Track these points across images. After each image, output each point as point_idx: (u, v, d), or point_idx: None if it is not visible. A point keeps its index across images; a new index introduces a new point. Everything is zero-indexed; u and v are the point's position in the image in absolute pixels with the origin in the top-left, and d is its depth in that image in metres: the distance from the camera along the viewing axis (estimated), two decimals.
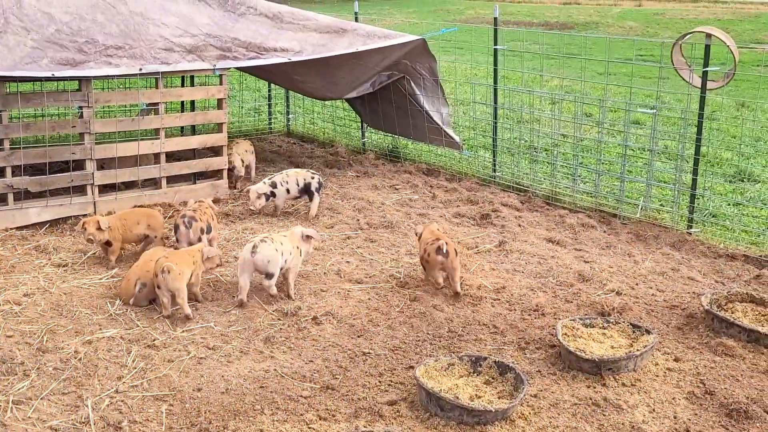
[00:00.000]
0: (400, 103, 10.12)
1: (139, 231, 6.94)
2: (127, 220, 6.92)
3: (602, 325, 5.64)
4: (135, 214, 7.07)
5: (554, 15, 35.80)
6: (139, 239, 7.01)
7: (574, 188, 9.06)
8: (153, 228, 6.99)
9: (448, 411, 4.62)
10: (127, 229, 6.88)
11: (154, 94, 8.26)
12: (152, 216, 7.04)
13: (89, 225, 6.69)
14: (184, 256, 6.05)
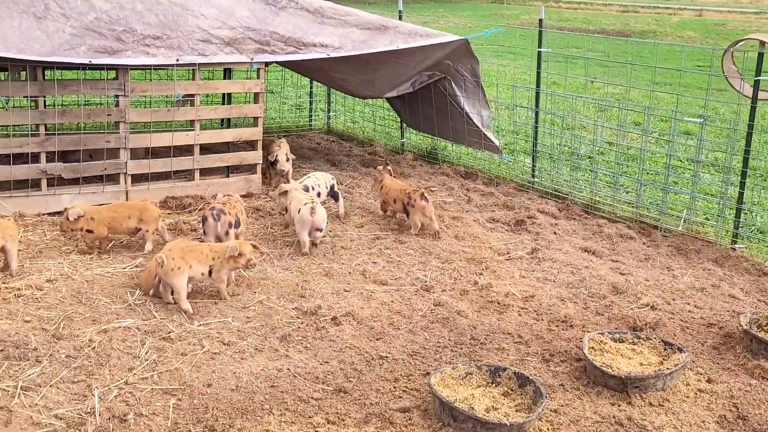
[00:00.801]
0: (441, 104, 9.94)
1: (131, 224, 6.80)
2: (117, 213, 6.80)
3: (632, 341, 5.38)
4: (127, 207, 6.92)
5: (611, 23, 35.19)
6: (131, 232, 6.87)
7: (615, 197, 8.77)
8: (145, 222, 6.81)
9: (461, 422, 4.43)
10: (117, 222, 6.75)
11: (191, 85, 8.21)
12: (146, 210, 6.87)
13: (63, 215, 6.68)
14: (197, 250, 5.93)
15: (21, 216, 7.42)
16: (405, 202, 7.62)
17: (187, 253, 5.86)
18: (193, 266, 5.84)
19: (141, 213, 6.83)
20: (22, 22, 7.15)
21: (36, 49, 7.08)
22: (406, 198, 7.60)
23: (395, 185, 7.91)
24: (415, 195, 7.54)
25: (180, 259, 5.79)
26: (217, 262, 5.90)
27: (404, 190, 7.72)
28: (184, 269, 5.78)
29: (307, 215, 6.97)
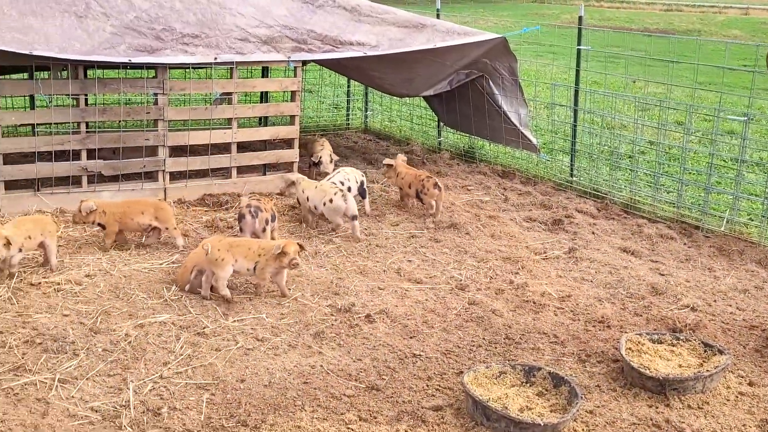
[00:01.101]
0: (478, 102, 9.87)
1: (143, 221, 6.75)
2: (130, 209, 6.77)
3: (671, 342, 5.27)
4: (141, 203, 6.89)
5: (654, 22, 34.68)
6: (144, 229, 6.85)
7: (656, 197, 8.61)
8: (160, 220, 6.77)
9: (494, 421, 4.38)
10: (128, 217, 6.71)
11: (228, 84, 8.27)
12: (160, 208, 6.82)
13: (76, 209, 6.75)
14: (245, 246, 5.95)
15: (62, 212, 7.54)
16: (419, 189, 7.99)
17: (234, 247, 5.91)
18: (239, 261, 5.88)
19: (156, 211, 6.80)
20: (63, 21, 7.26)
21: (77, 48, 7.18)
22: (420, 185, 7.98)
23: (410, 171, 8.25)
24: (429, 183, 7.93)
25: (226, 251, 5.85)
26: (262, 260, 5.88)
27: (419, 176, 8.06)
28: (229, 261, 5.84)
29: (341, 202, 7.25)
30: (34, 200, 7.53)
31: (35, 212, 7.44)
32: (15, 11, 7.06)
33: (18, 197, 7.52)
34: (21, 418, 4.34)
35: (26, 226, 6.11)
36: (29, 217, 6.58)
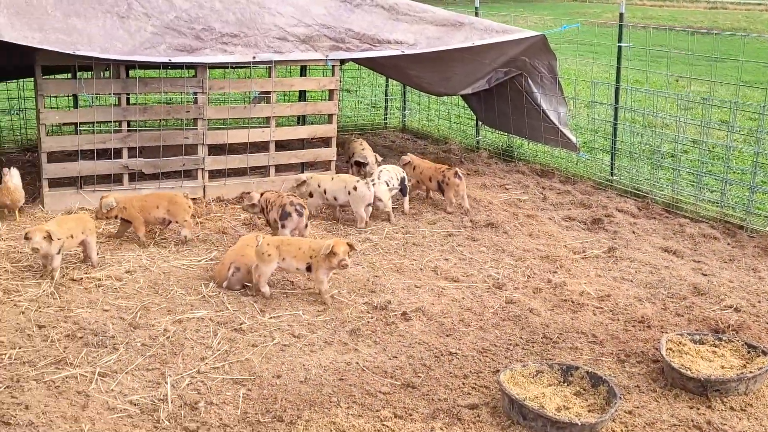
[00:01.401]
0: (517, 101, 9.79)
1: (158, 214, 6.89)
2: (146, 202, 6.91)
3: (713, 343, 5.17)
4: (157, 197, 7.00)
5: (698, 20, 34.10)
6: (159, 222, 6.97)
7: (699, 196, 8.46)
8: (171, 213, 6.88)
9: (531, 420, 4.33)
10: (146, 211, 6.86)
11: (266, 82, 8.32)
12: (174, 201, 6.91)
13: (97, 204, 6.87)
14: (295, 245, 5.95)
15: None
16: (439, 180, 8.08)
17: (285, 245, 5.93)
18: (287, 260, 5.90)
19: (169, 204, 6.89)
20: (106, 21, 7.37)
21: (118, 48, 7.29)
22: (441, 176, 8.07)
23: (428, 164, 8.37)
24: (449, 173, 8.02)
25: (275, 248, 5.88)
26: (315, 261, 5.83)
27: (439, 168, 8.18)
28: (274, 259, 5.87)
29: (365, 190, 7.51)
30: (76, 198, 7.66)
31: (78, 210, 7.57)
32: (59, 12, 7.19)
33: (61, 195, 7.65)
34: (62, 411, 4.41)
35: (68, 225, 6.21)
36: (70, 216, 6.69)
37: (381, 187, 7.55)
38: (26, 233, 5.93)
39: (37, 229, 5.93)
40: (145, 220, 6.91)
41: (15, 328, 5.31)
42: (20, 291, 5.85)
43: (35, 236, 5.85)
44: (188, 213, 6.94)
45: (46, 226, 6.01)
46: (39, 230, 5.92)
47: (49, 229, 5.91)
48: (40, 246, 5.85)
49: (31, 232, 5.91)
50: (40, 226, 6.02)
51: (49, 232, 5.89)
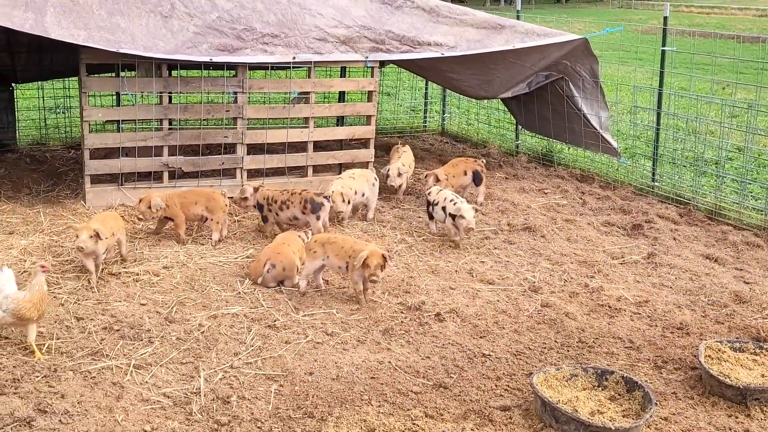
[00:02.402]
0: (557, 105, 9.70)
1: (197, 211, 6.97)
2: (186, 199, 6.98)
3: (754, 351, 5.05)
4: (196, 194, 7.08)
5: (746, 27, 33.49)
6: (197, 219, 7.06)
7: (743, 204, 8.28)
8: (209, 210, 6.95)
9: (563, 423, 4.27)
10: (185, 208, 6.94)
11: (306, 83, 8.36)
12: (212, 198, 6.98)
13: (140, 204, 6.90)
14: (338, 244, 5.98)
15: None
16: (478, 170, 8.37)
17: (330, 243, 6.00)
18: (330, 257, 5.96)
19: (207, 201, 6.97)
20: (149, 21, 7.48)
21: (161, 47, 7.39)
22: (479, 167, 8.39)
23: (456, 163, 8.51)
24: (483, 165, 8.47)
25: (320, 246, 5.97)
26: (351, 263, 5.85)
27: (469, 161, 8.50)
28: (319, 256, 5.98)
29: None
30: (117, 194, 7.78)
31: (118, 206, 7.68)
32: (104, 11, 7.31)
33: (102, 191, 7.77)
34: (97, 401, 4.47)
35: (109, 224, 6.24)
36: (107, 214, 6.65)
37: (464, 205, 7.07)
38: (75, 231, 5.94)
39: (84, 228, 5.94)
40: (185, 217, 6.99)
41: (54, 319, 5.40)
42: (60, 284, 5.95)
43: (82, 234, 5.85)
44: (225, 211, 7.00)
45: (93, 225, 6.00)
46: (86, 228, 5.92)
47: (97, 228, 5.91)
48: (86, 245, 5.84)
49: (78, 230, 5.91)
50: (87, 224, 6.03)
51: (97, 231, 5.89)
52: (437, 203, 7.30)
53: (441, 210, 7.24)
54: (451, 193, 7.38)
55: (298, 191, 7.16)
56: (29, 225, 7.14)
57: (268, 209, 7.15)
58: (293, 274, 6.13)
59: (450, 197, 7.22)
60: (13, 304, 4.84)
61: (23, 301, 4.87)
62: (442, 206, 7.23)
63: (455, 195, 7.32)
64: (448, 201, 7.19)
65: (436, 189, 7.56)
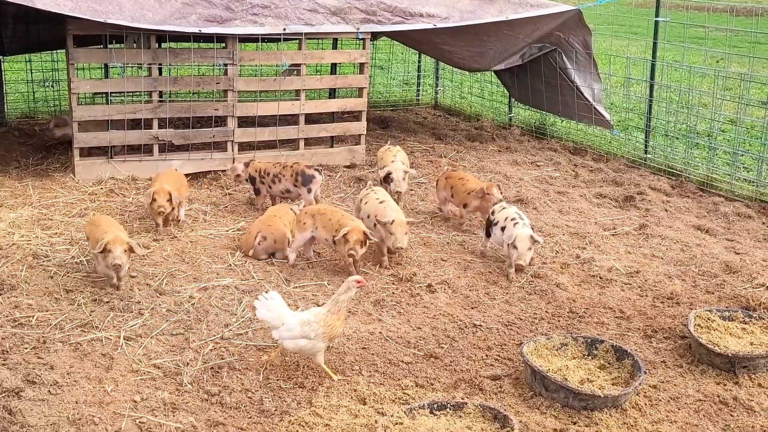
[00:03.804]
0: (550, 77, 9.65)
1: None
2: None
3: (743, 320, 5.06)
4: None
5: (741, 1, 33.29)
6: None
7: (734, 175, 8.28)
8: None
9: (553, 392, 4.29)
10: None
11: (297, 55, 8.29)
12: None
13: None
14: (327, 216, 5.99)
15: (133, 180, 7.69)
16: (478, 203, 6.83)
17: (319, 215, 5.99)
18: (319, 229, 5.95)
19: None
20: None
21: (149, 18, 7.30)
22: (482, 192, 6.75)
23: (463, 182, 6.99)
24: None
25: (310, 217, 5.98)
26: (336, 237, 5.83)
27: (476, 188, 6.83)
28: (309, 227, 5.97)
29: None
30: (107, 167, 7.72)
31: (108, 180, 7.62)
32: None
33: (92, 164, 7.71)
34: (86, 372, 4.46)
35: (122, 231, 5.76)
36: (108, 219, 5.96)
37: (521, 231, 5.81)
38: (105, 246, 5.27)
39: (117, 241, 5.31)
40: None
41: (43, 291, 5.38)
42: (49, 256, 5.92)
43: (116, 250, 5.26)
44: (185, 189, 6.88)
45: (124, 237, 5.42)
46: (119, 242, 5.31)
47: (130, 242, 5.38)
48: (122, 261, 5.30)
49: (110, 244, 5.28)
50: (120, 237, 5.37)
51: (131, 245, 5.37)
52: (497, 222, 6.12)
53: (500, 231, 6.02)
54: (516, 211, 6.13)
55: (290, 164, 7.13)
56: (18, 198, 7.10)
57: (260, 182, 7.13)
58: (284, 246, 6.12)
59: (512, 216, 6.01)
60: (323, 328, 4.39)
61: (331, 318, 4.42)
62: (501, 226, 6.05)
63: (520, 214, 6.06)
64: (508, 221, 6.00)
65: (500, 206, 6.31)
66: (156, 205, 6.27)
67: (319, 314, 4.44)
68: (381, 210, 6.11)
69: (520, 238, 5.75)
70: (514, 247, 5.75)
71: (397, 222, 5.88)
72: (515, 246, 5.75)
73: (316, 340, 4.42)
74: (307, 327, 4.39)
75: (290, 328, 4.42)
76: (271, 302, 4.49)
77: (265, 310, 4.49)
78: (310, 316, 4.45)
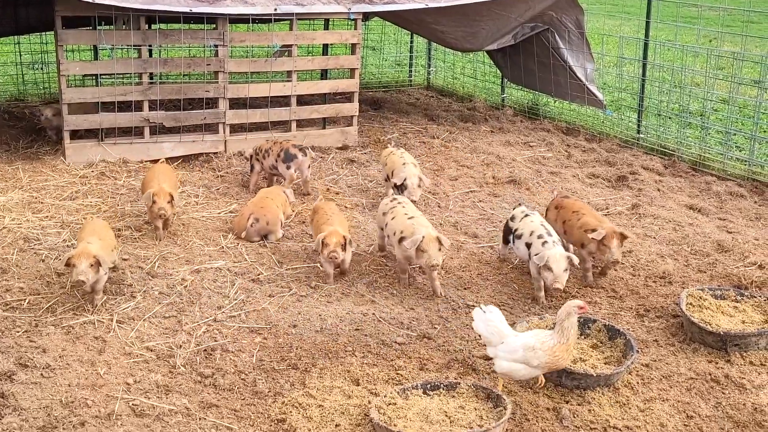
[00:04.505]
0: (543, 57, 9.61)
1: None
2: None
3: (735, 298, 5.07)
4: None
5: None
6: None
7: (727, 154, 8.28)
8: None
9: None
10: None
11: (288, 36, 8.23)
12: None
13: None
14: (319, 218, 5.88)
15: (125, 162, 7.65)
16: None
17: (317, 212, 5.90)
18: (313, 224, 5.91)
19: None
20: None
21: None
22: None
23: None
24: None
25: (314, 212, 5.89)
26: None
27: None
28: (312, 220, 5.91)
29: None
30: (98, 150, 7.66)
31: (99, 162, 7.56)
32: None
33: (82, 147, 7.66)
34: (79, 354, 4.45)
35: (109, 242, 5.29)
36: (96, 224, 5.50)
37: (552, 252, 5.10)
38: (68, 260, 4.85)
39: (83, 254, 4.82)
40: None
41: (35, 275, 5.36)
42: (41, 240, 5.90)
43: (81, 264, 4.79)
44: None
45: (93, 249, 4.90)
46: (86, 256, 4.81)
47: (98, 255, 4.86)
48: (87, 277, 4.81)
49: (75, 258, 4.81)
50: (87, 250, 4.86)
51: (99, 258, 4.85)
52: (520, 235, 5.44)
53: (524, 247, 5.36)
54: (542, 222, 5.42)
55: (281, 141, 7.15)
56: (8, 181, 7.06)
57: (255, 159, 7.13)
58: (277, 228, 6.10)
59: (539, 231, 5.32)
60: (549, 357, 4.02)
61: (559, 349, 4.03)
62: (526, 242, 5.36)
63: (547, 228, 5.35)
64: (534, 237, 5.32)
65: (521, 210, 5.61)
66: (156, 207, 5.84)
67: (545, 342, 4.03)
68: (409, 227, 5.36)
69: (554, 259, 5.03)
70: (549, 269, 5.04)
71: (428, 238, 5.20)
72: (550, 268, 5.04)
73: (537, 369, 4.07)
74: (531, 353, 4.01)
75: (511, 351, 4.06)
76: (491, 316, 4.16)
77: (483, 325, 4.17)
78: (535, 342, 4.05)
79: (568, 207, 5.80)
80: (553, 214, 5.88)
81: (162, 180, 6.13)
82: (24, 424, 3.82)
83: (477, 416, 3.89)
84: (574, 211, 5.72)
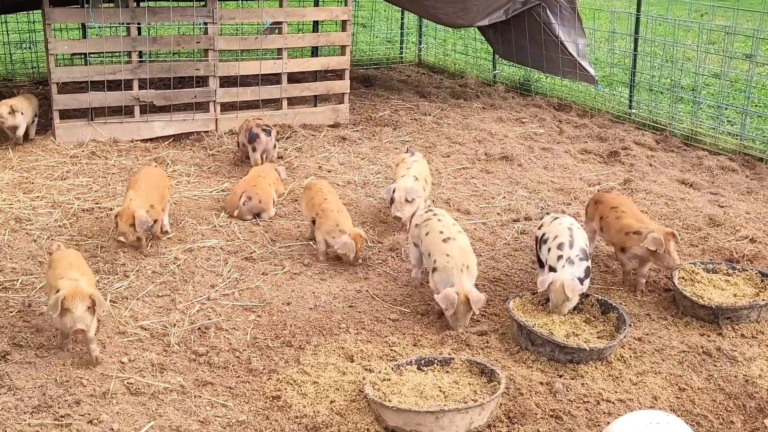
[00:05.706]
0: (534, 32, 9.56)
1: None
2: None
3: (726, 272, 5.10)
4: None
5: None
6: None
7: (718, 129, 8.29)
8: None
9: (539, 346, 4.32)
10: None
11: (278, 12, 8.16)
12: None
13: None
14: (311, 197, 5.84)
15: (115, 142, 7.61)
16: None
17: (308, 189, 5.86)
18: (303, 204, 5.84)
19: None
20: None
21: None
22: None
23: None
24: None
25: (306, 189, 5.84)
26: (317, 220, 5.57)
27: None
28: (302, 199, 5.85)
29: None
30: (88, 129, 7.62)
31: (89, 142, 7.52)
32: None
33: (72, 126, 7.61)
34: None
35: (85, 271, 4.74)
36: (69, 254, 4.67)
37: (568, 271, 4.56)
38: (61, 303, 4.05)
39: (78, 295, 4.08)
40: None
41: (27, 255, 5.34)
42: (32, 220, 5.87)
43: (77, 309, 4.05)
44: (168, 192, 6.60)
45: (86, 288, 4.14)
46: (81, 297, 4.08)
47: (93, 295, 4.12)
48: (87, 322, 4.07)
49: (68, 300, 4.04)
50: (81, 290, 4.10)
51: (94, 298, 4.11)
52: (546, 240, 4.79)
53: (547, 252, 4.73)
54: (569, 238, 4.66)
55: (251, 119, 7.21)
56: None
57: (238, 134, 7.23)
58: (269, 206, 6.09)
59: (561, 239, 4.66)
60: None
61: None
62: (548, 247, 4.73)
63: (574, 247, 4.63)
64: (554, 243, 4.69)
65: (551, 216, 5.00)
66: (117, 233, 5.28)
67: None
68: (444, 250, 4.71)
69: (553, 289, 4.53)
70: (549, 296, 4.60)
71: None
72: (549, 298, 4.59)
73: None
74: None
75: None
76: None
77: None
78: None
79: (607, 202, 5.32)
80: (591, 210, 5.44)
81: (138, 193, 5.41)
82: (19, 403, 3.83)
83: (471, 391, 3.92)
84: (613, 207, 5.22)
